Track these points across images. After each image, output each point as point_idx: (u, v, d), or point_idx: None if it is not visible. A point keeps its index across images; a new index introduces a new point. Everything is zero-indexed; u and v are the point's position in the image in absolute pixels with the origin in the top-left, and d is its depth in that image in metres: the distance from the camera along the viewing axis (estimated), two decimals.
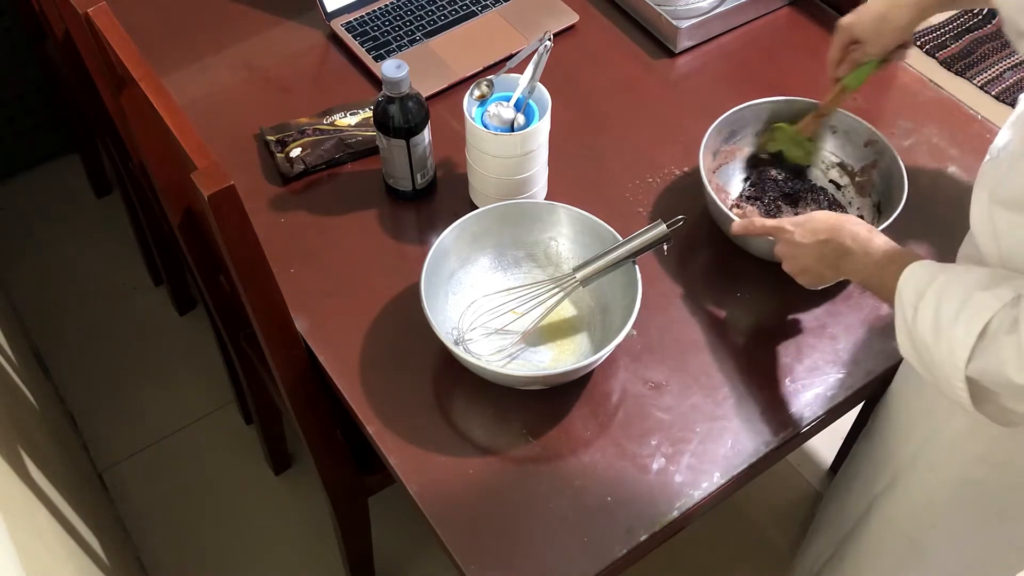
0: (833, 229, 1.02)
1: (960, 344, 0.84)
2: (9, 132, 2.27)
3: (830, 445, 1.86)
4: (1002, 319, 0.82)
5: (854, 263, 1.00)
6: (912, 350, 0.91)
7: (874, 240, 0.99)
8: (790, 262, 1.08)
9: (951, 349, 0.85)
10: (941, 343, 0.86)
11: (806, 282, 1.09)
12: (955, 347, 0.85)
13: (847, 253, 1.01)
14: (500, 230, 1.19)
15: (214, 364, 1.95)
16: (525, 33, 1.50)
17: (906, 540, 1.18)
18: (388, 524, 1.74)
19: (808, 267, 1.06)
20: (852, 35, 1.18)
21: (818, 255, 1.04)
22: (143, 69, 1.04)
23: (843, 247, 1.01)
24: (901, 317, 0.91)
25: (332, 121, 1.36)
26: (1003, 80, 2.55)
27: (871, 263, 0.98)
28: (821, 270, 1.05)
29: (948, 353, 0.85)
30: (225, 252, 1.01)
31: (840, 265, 1.02)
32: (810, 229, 1.04)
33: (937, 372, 0.88)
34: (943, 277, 0.88)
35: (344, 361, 1.15)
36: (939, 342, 0.86)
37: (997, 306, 0.82)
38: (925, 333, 0.88)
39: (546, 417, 1.11)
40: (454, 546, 1.01)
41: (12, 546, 1.02)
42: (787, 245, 1.07)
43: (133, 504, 1.86)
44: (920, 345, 0.89)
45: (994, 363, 0.82)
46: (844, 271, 1.03)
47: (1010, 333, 0.80)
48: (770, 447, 1.09)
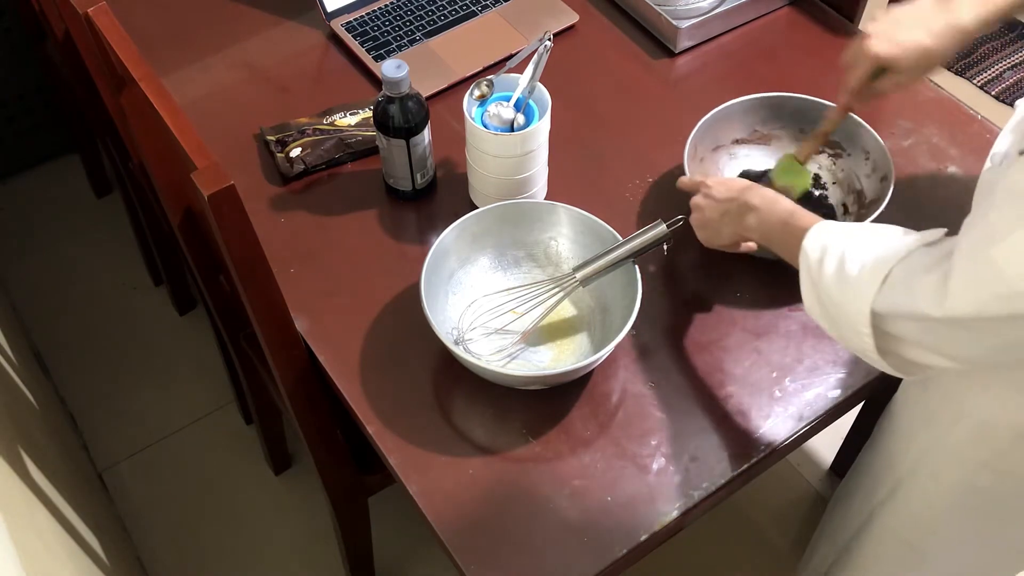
0: (744, 190, 1.06)
1: (866, 287, 0.86)
2: (9, 132, 2.27)
3: (830, 445, 1.86)
4: (911, 263, 0.84)
5: (758, 218, 1.04)
6: (816, 304, 0.93)
7: (780, 201, 1.03)
8: (696, 213, 1.13)
9: (856, 293, 0.87)
10: (846, 290, 0.88)
11: (704, 237, 1.13)
12: (861, 290, 0.87)
13: (752, 209, 1.04)
14: (500, 230, 1.19)
15: (214, 364, 1.95)
16: (525, 33, 1.50)
17: (907, 547, 1.17)
18: (388, 524, 1.74)
19: (710, 220, 1.10)
20: (891, 66, 1.05)
21: (723, 210, 1.08)
22: (143, 69, 1.04)
23: (748, 204, 1.05)
24: (805, 271, 0.94)
25: (332, 121, 1.36)
26: (1003, 80, 2.55)
27: (776, 220, 1.02)
28: (722, 226, 1.09)
29: (853, 297, 0.87)
30: (225, 252, 1.01)
31: (744, 221, 1.06)
32: (726, 186, 1.09)
33: (842, 322, 0.90)
34: (846, 231, 0.92)
35: (344, 361, 1.15)
36: (844, 289, 0.89)
37: (902, 252, 0.85)
38: (829, 282, 0.90)
39: (546, 417, 1.11)
40: (454, 546, 1.01)
41: (12, 546, 1.02)
42: (701, 198, 1.12)
43: (133, 504, 1.86)
44: (824, 296, 0.91)
45: (904, 300, 0.84)
46: (746, 227, 1.06)
47: (929, 272, 0.82)
48: (770, 447, 1.09)
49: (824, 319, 0.94)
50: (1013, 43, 2.65)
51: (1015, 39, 2.65)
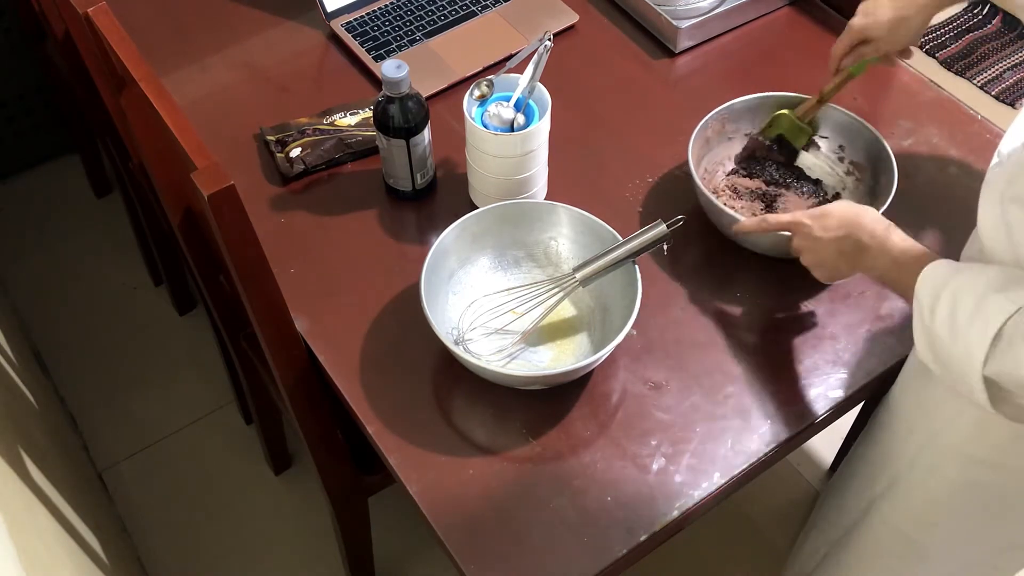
0: (850, 224, 1.02)
1: (976, 346, 0.85)
2: (9, 132, 2.27)
3: (830, 445, 1.86)
4: (1017, 322, 0.83)
5: (872, 260, 1.01)
6: (928, 350, 0.92)
7: (891, 237, 1.00)
8: (808, 255, 1.08)
9: (968, 351, 0.86)
10: (958, 343, 0.87)
11: (822, 275, 1.09)
12: (972, 348, 0.85)
13: (865, 249, 1.01)
14: (500, 230, 1.19)
15: (214, 364, 1.95)
16: (525, 33, 1.50)
17: (906, 541, 1.18)
18: (388, 524, 1.74)
19: (825, 261, 1.06)
20: (864, 36, 1.19)
21: (837, 251, 1.04)
22: (143, 69, 1.04)
23: (861, 243, 1.01)
24: (919, 316, 0.92)
25: (332, 121, 1.36)
26: (1003, 80, 2.55)
27: (888, 261, 0.99)
28: (839, 264, 1.05)
29: (965, 354, 0.86)
30: (225, 252, 1.01)
31: (857, 260, 1.03)
32: (827, 224, 1.05)
33: (955, 371, 0.89)
34: (959, 277, 0.89)
35: (344, 361, 1.15)
36: (956, 342, 0.87)
37: (1011, 309, 0.83)
38: (942, 334, 0.89)
39: (546, 417, 1.11)
40: (454, 546, 1.01)
41: (12, 546, 1.02)
42: (805, 239, 1.07)
43: (133, 504, 1.86)
44: (937, 345, 0.90)
45: (1010, 365, 0.83)
46: (862, 266, 1.03)
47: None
48: (770, 447, 1.09)
49: (936, 365, 0.92)
50: (1013, 43, 2.65)
51: (1015, 39, 2.65)
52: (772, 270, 1.23)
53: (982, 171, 0.94)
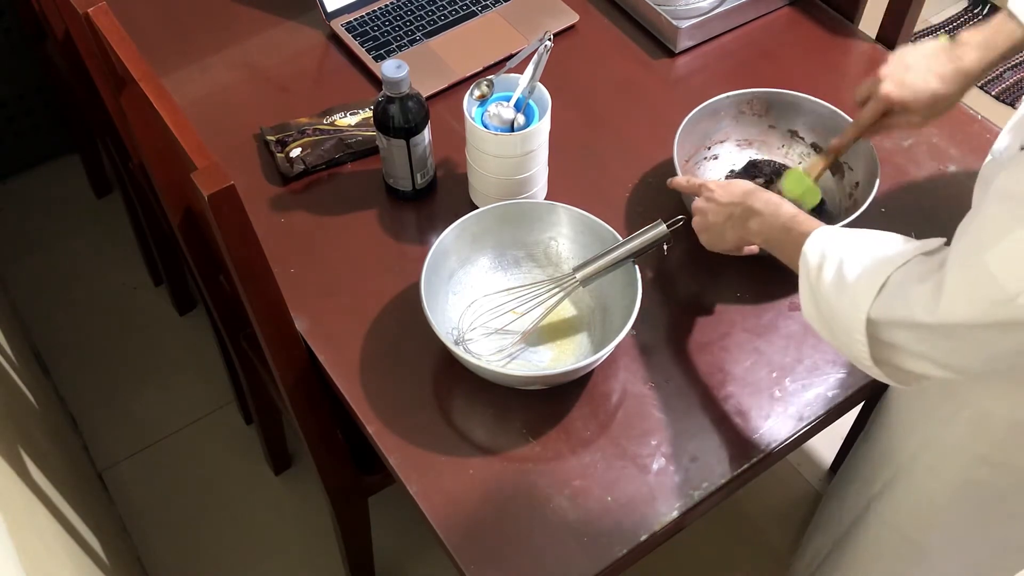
0: (747, 193, 1.07)
1: (862, 294, 0.87)
2: (9, 132, 2.27)
3: (830, 445, 1.86)
4: (908, 271, 0.85)
5: (761, 223, 1.04)
6: (814, 309, 0.94)
7: (783, 205, 1.03)
8: (699, 217, 1.12)
9: (853, 300, 0.87)
10: (843, 296, 0.89)
11: (706, 240, 1.13)
12: (857, 297, 0.87)
13: (756, 214, 1.05)
14: (500, 230, 1.19)
15: (214, 364, 1.95)
16: (525, 33, 1.50)
17: (905, 540, 1.18)
18: (388, 524, 1.74)
19: (714, 224, 1.10)
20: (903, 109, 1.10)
21: (727, 214, 1.08)
22: (143, 69, 1.04)
23: (752, 209, 1.05)
24: (805, 278, 0.94)
25: (332, 121, 1.36)
26: (1003, 80, 2.55)
27: (778, 224, 1.02)
28: (725, 230, 1.09)
29: (850, 304, 0.88)
30: (225, 252, 1.01)
31: (747, 225, 1.06)
32: (727, 190, 1.09)
33: (838, 328, 0.90)
34: (846, 238, 0.92)
35: (344, 361, 1.15)
36: (841, 296, 0.89)
37: (899, 260, 0.86)
38: (827, 288, 0.91)
39: (546, 417, 1.11)
40: (454, 546, 1.01)
41: (12, 546, 1.02)
42: (704, 201, 1.12)
43: (133, 504, 1.86)
44: (822, 302, 0.92)
45: (900, 307, 0.84)
46: (749, 231, 1.06)
47: (924, 281, 0.82)
48: (770, 447, 1.09)
49: (821, 325, 0.94)
50: None
51: None
52: (772, 270, 1.23)
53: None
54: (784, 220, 1.01)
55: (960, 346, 0.82)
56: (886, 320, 0.86)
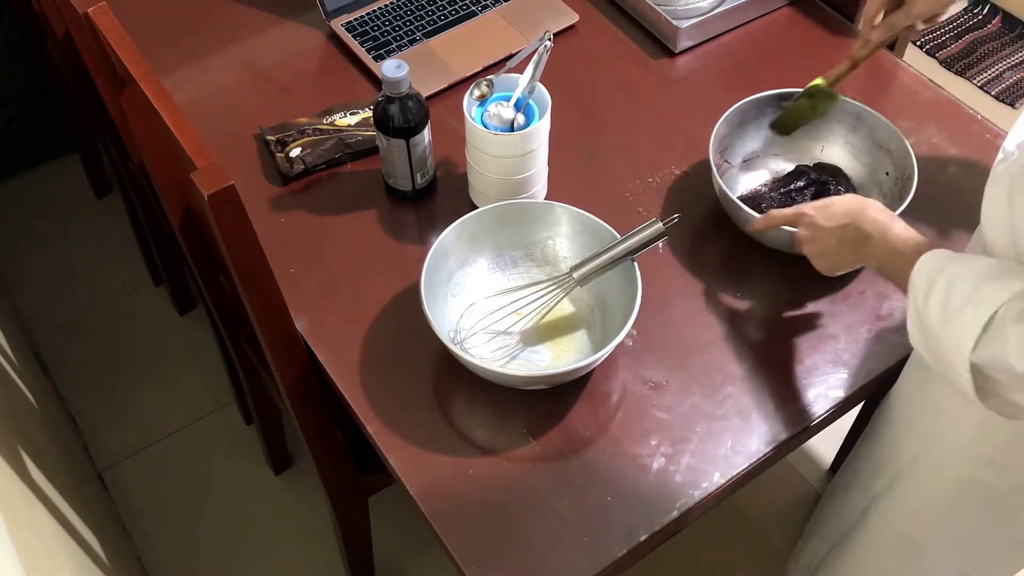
0: (854, 214, 1.02)
1: (967, 331, 0.84)
2: (9, 132, 2.27)
3: (830, 445, 1.86)
4: (1009, 309, 0.82)
5: (872, 248, 1.01)
6: (920, 337, 0.92)
7: (893, 227, 0.99)
8: (809, 245, 1.08)
9: (958, 337, 0.85)
10: (948, 330, 0.87)
11: (822, 266, 1.09)
12: (962, 335, 0.85)
13: (867, 238, 1.01)
14: (498, 230, 1.19)
15: (214, 364, 1.95)
16: (525, 33, 1.50)
17: (906, 540, 1.18)
18: (388, 524, 1.74)
19: (827, 251, 1.06)
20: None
21: (838, 239, 1.04)
22: (143, 69, 1.04)
23: (863, 232, 1.01)
24: (912, 303, 0.92)
25: (332, 121, 1.36)
26: (1003, 80, 2.55)
27: (889, 250, 0.99)
28: (840, 254, 1.05)
29: (955, 341, 0.86)
30: (225, 252, 1.01)
31: (858, 250, 1.02)
32: (831, 213, 1.04)
33: (943, 360, 0.89)
34: (955, 266, 0.89)
35: (344, 361, 1.15)
36: (946, 329, 0.87)
37: (1005, 296, 0.83)
38: (934, 320, 0.88)
39: (546, 417, 1.11)
40: (454, 546, 1.01)
41: (12, 546, 1.02)
42: (807, 228, 1.07)
43: (133, 504, 1.86)
44: (928, 332, 0.90)
45: (998, 351, 0.82)
46: (862, 256, 1.03)
47: (1017, 323, 0.81)
48: (770, 447, 1.09)
49: (927, 352, 0.92)
50: (1013, 43, 2.65)
51: (1015, 39, 2.65)
52: (773, 270, 1.23)
53: (982, 171, 0.94)
54: (894, 243, 0.98)
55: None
56: (988, 363, 0.84)
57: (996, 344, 0.83)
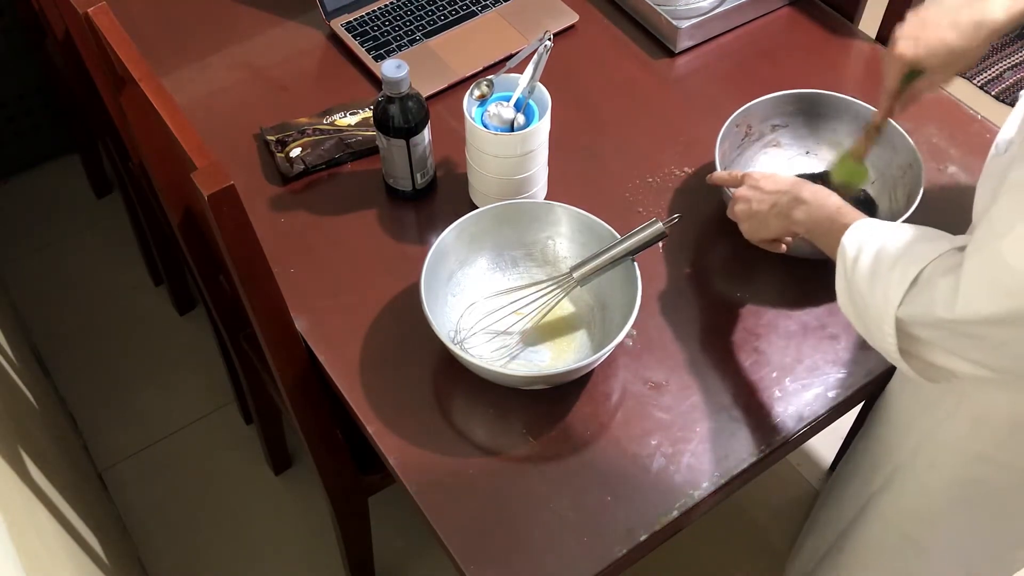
0: (795, 184, 1.07)
1: (894, 288, 0.87)
2: (9, 132, 2.27)
3: (830, 445, 1.86)
4: (937, 265, 0.84)
5: (807, 212, 1.04)
6: (847, 299, 0.94)
7: (830, 197, 1.03)
8: (742, 205, 1.12)
9: (885, 294, 0.87)
10: (876, 289, 0.89)
11: (748, 229, 1.13)
12: (889, 292, 0.87)
13: (803, 203, 1.04)
14: (498, 230, 1.19)
15: (214, 364, 1.95)
16: (525, 33, 1.50)
17: (903, 538, 1.18)
18: (388, 524, 1.74)
19: (757, 212, 1.10)
20: (915, 67, 1.05)
21: (772, 201, 1.08)
22: (143, 69, 1.04)
23: (799, 198, 1.05)
24: (841, 266, 0.94)
25: (332, 121, 1.36)
26: (1003, 80, 2.55)
27: (823, 215, 1.02)
28: (769, 218, 1.09)
29: (882, 298, 0.88)
30: (225, 252, 1.01)
31: (792, 214, 1.06)
32: (774, 180, 1.10)
33: (869, 319, 0.91)
34: (885, 230, 0.92)
35: (344, 361, 1.15)
36: (874, 288, 0.89)
37: (932, 255, 0.85)
38: (861, 280, 0.91)
39: (546, 417, 1.11)
40: (454, 546, 1.01)
41: (12, 546, 1.02)
42: (748, 188, 1.12)
43: (133, 504, 1.86)
44: (855, 293, 0.92)
45: (925, 303, 0.84)
46: (793, 220, 1.06)
47: (944, 276, 0.82)
48: (770, 447, 1.09)
49: (854, 317, 0.94)
50: (1013, 43, 2.65)
51: (1015, 39, 2.65)
52: (773, 270, 1.23)
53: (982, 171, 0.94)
54: (829, 211, 1.01)
55: (982, 344, 0.82)
56: (913, 316, 0.86)
57: (924, 298, 0.84)
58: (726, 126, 1.24)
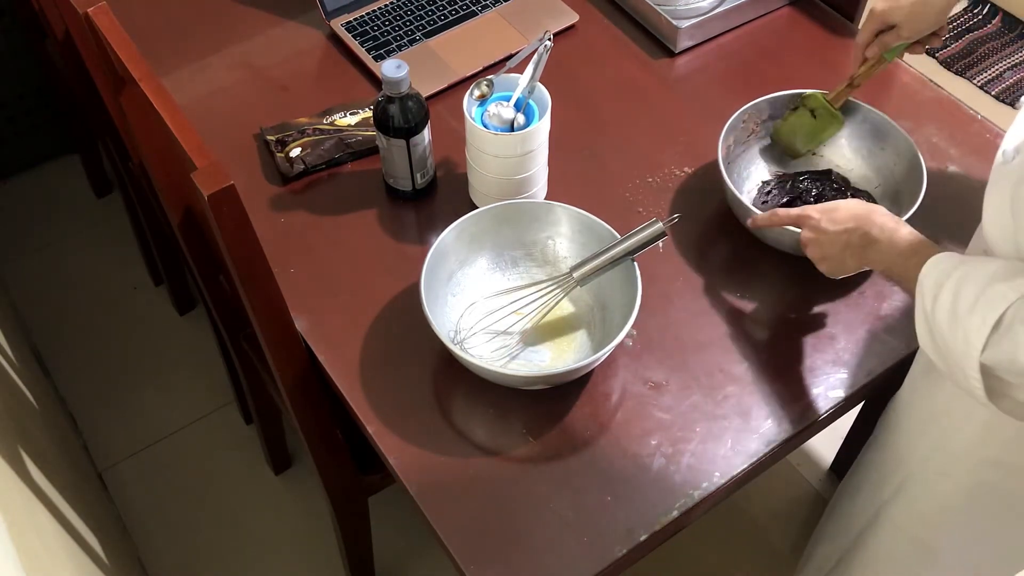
0: (860, 218, 1.02)
1: (975, 333, 0.84)
2: (9, 132, 2.27)
3: (830, 445, 1.86)
4: (1018, 309, 0.82)
5: (879, 252, 1.00)
6: (930, 340, 0.91)
7: (900, 231, 0.99)
8: (814, 248, 1.08)
9: (966, 338, 0.85)
10: (957, 332, 0.86)
11: (827, 269, 1.09)
12: (970, 336, 0.84)
13: (873, 242, 1.01)
14: (498, 230, 1.19)
15: (214, 364, 1.95)
16: (525, 33, 1.50)
17: (916, 544, 1.17)
18: (388, 524, 1.74)
19: (832, 255, 1.06)
20: (886, 21, 1.16)
21: (844, 243, 1.03)
22: (143, 69, 1.04)
23: (869, 236, 1.01)
24: (921, 306, 0.91)
25: (332, 121, 1.36)
26: (1003, 80, 2.55)
27: (895, 253, 0.98)
28: (845, 258, 1.05)
29: (963, 342, 0.85)
30: (225, 252, 1.01)
31: (865, 254, 1.02)
32: (837, 217, 1.04)
33: (952, 362, 0.88)
34: (962, 268, 0.88)
35: (344, 361, 1.15)
36: (955, 331, 0.86)
37: (1013, 297, 0.82)
38: (942, 323, 0.88)
39: (546, 417, 1.11)
40: (454, 546, 1.01)
41: (12, 546, 1.02)
42: (813, 231, 1.07)
43: (133, 504, 1.86)
44: (937, 335, 0.89)
45: (1008, 351, 0.82)
46: (869, 260, 1.02)
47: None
48: (770, 447, 1.09)
49: (936, 356, 0.91)
50: (1013, 43, 2.65)
51: (1015, 39, 2.65)
52: (773, 270, 1.23)
53: (982, 171, 0.94)
54: (902, 248, 0.98)
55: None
56: (998, 364, 0.84)
57: (1006, 344, 0.82)
58: (731, 121, 1.24)
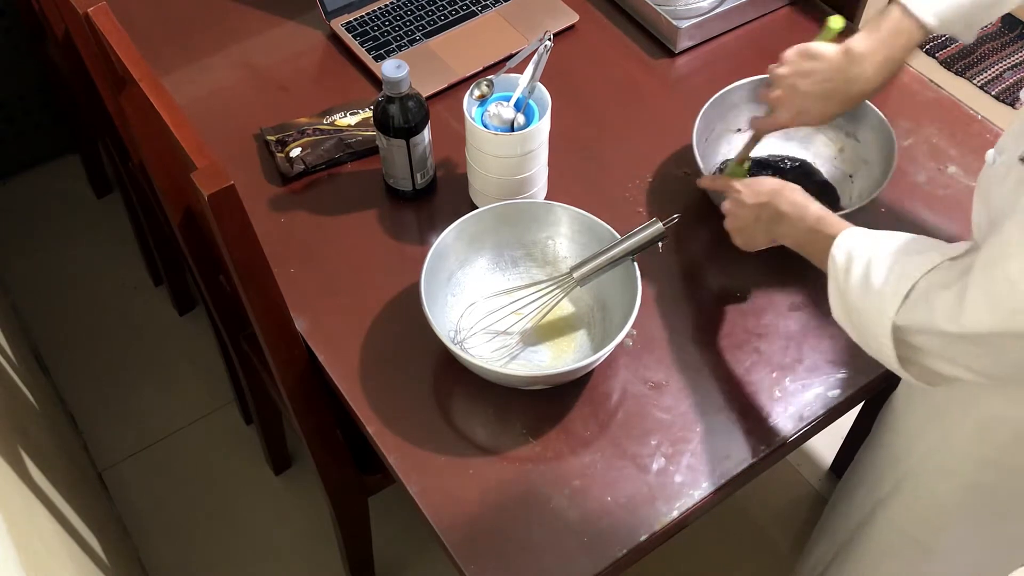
0: (773, 193, 1.06)
1: (889, 302, 0.87)
2: (9, 132, 2.27)
3: (830, 445, 1.86)
4: (931, 279, 0.85)
5: (788, 227, 1.04)
6: (842, 311, 0.95)
7: (809, 207, 1.03)
8: (730, 219, 1.13)
9: (880, 307, 0.88)
10: (870, 300, 0.89)
11: (740, 242, 1.13)
12: (885, 306, 0.88)
13: (782, 217, 1.04)
14: (498, 230, 1.19)
15: (214, 364, 1.95)
16: (525, 33, 1.50)
17: (912, 542, 1.17)
18: (388, 524, 1.74)
19: (744, 227, 1.11)
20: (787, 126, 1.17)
21: (755, 216, 1.08)
22: (143, 69, 1.04)
23: (779, 211, 1.05)
24: (833, 279, 0.95)
25: (332, 121, 1.36)
26: (1003, 80, 2.55)
27: (804, 228, 1.02)
28: (756, 232, 1.09)
29: (876, 311, 0.89)
30: (225, 252, 1.01)
31: (774, 229, 1.06)
32: (755, 191, 1.09)
33: (865, 331, 0.92)
34: (873, 241, 0.93)
35: (344, 361, 1.15)
36: (868, 300, 0.90)
37: (925, 268, 0.86)
38: (855, 294, 0.91)
39: (546, 417, 1.11)
40: (454, 546, 1.01)
41: (12, 546, 1.02)
42: (732, 203, 1.12)
43: (133, 504, 1.86)
44: (850, 305, 0.93)
45: (924, 315, 0.85)
46: (778, 234, 1.06)
47: (946, 289, 0.83)
48: (770, 447, 1.09)
49: (849, 326, 0.95)
50: (1013, 43, 2.65)
51: (1015, 39, 2.65)
52: (772, 271, 1.23)
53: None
54: (810, 223, 1.01)
55: (985, 353, 0.83)
56: (911, 327, 0.86)
57: (922, 310, 0.85)
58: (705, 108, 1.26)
